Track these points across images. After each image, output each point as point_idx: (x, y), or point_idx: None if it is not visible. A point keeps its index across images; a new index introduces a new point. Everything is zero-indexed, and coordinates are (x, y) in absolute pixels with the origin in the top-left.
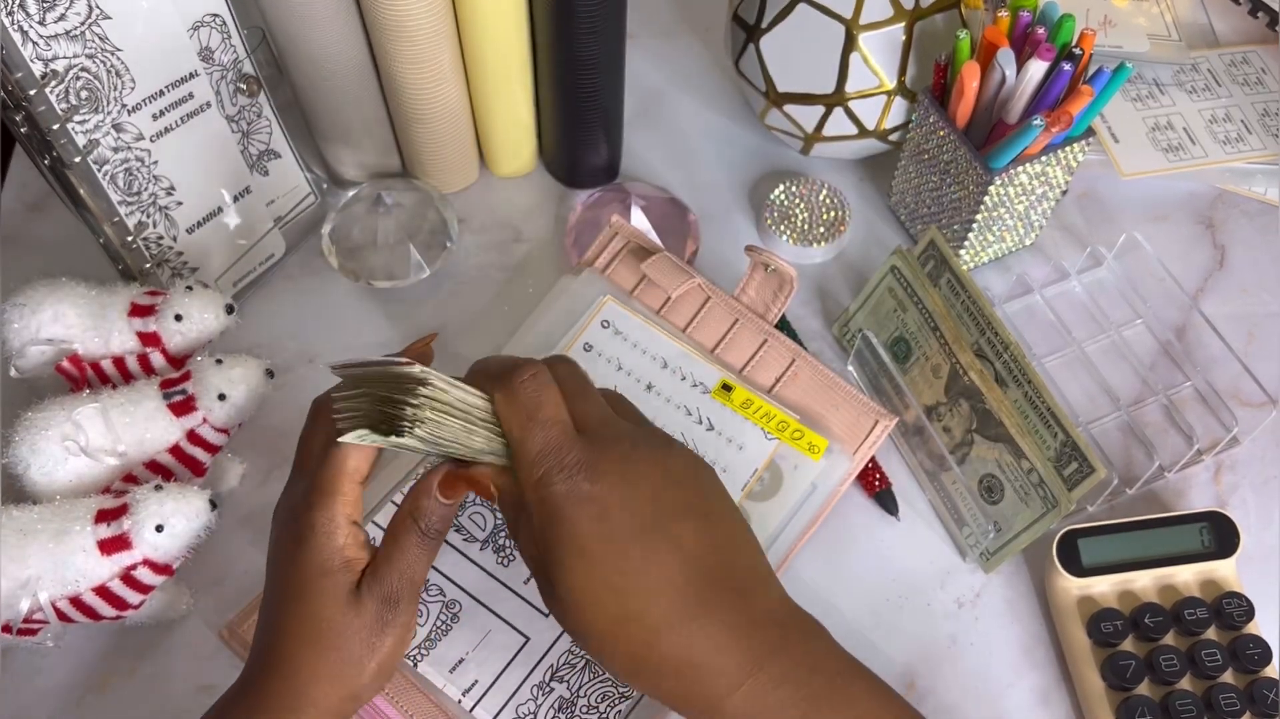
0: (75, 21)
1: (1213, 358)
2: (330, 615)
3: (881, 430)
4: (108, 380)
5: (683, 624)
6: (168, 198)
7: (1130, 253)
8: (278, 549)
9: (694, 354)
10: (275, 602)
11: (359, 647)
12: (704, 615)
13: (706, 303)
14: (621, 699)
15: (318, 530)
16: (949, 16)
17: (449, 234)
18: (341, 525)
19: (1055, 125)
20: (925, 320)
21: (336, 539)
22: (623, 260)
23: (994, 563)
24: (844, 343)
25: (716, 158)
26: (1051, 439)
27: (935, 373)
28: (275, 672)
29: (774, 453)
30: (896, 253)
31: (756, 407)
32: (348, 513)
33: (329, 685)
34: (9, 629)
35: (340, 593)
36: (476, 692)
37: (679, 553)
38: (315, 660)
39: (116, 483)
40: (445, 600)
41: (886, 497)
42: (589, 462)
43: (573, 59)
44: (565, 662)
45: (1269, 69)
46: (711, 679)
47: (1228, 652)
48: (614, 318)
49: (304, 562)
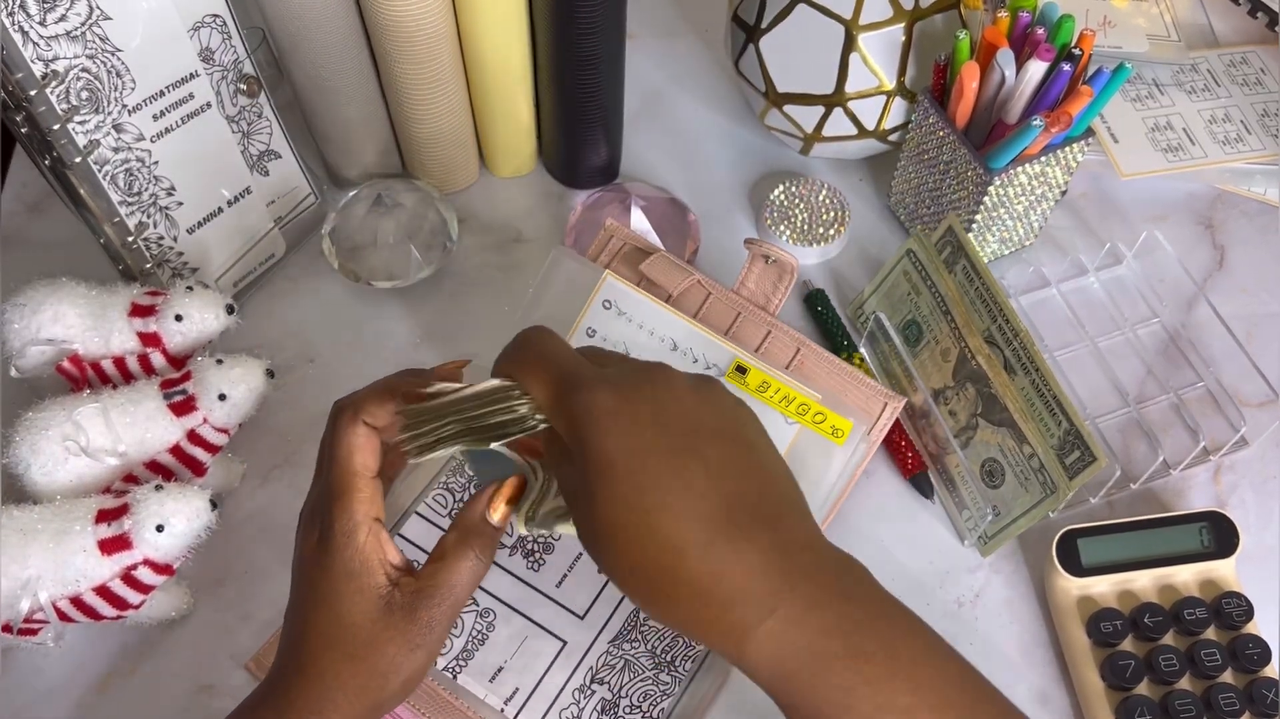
0: (76, 22)
1: (1213, 357)
2: (359, 623)
3: (891, 413)
4: (108, 380)
5: (710, 546)
6: (168, 198)
7: (1146, 252)
8: (301, 552)
9: (706, 333)
10: (302, 604)
11: (386, 661)
12: (733, 538)
13: (707, 299)
14: (664, 697)
15: (336, 531)
16: (949, 17)
17: (449, 234)
18: (361, 524)
19: (1055, 125)
20: (937, 304)
21: (357, 538)
22: (622, 260)
23: (991, 547)
24: (858, 325)
25: (716, 158)
26: (1055, 427)
27: (944, 356)
28: (301, 674)
29: (795, 439)
30: (913, 237)
31: (775, 389)
32: (365, 510)
33: (354, 693)
34: (9, 629)
35: (368, 599)
36: (518, 700)
37: (708, 473)
38: (341, 666)
39: (117, 483)
40: (479, 609)
41: (923, 479)
42: (616, 380)
43: (573, 59)
44: (604, 663)
45: (1269, 69)
46: (740, 606)
47: (1227, 651)
48: (616, 296)
49: (327, 564)
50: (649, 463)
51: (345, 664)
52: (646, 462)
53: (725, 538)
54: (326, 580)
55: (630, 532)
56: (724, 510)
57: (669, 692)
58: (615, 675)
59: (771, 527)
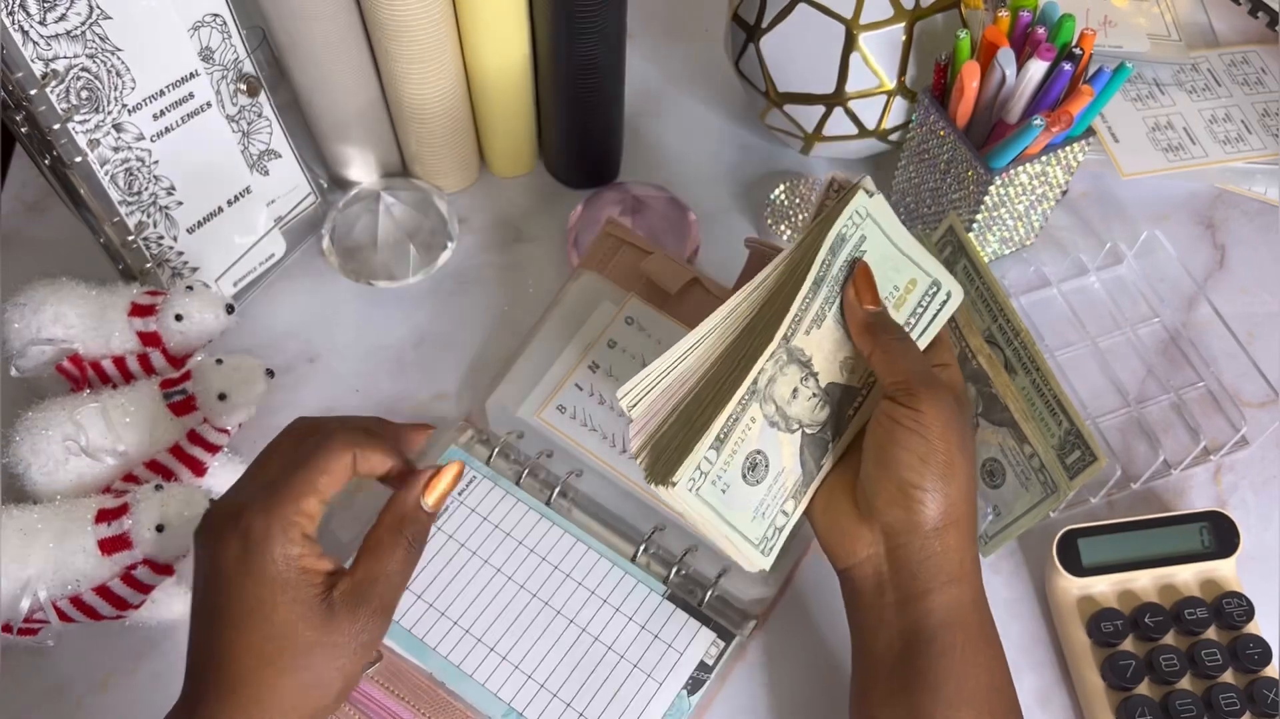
0: (76, 21)
1: (1213, 357)
2: (295, 633)
3: None
4: (108, 380)
5: (957, 523)
6: (168, 198)
7: (1147, 252)
8: (217, 560)
9: None
10: (225, 617)
11: (328, 668)
12: (965, 521)
13: (707, 299)
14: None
15: (273, 537)
16: (949, 16)
17: (449, 234)
18: (298, 535)
19: (1055, 125)
20: None
21: (293, 548)
22: (622, 260)
23: (991, 547)
24: None
25: (716, 158)
26: (1056, 427)
27: None
28: (231, 695)
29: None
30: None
31: None
32: (303, 525)
33: (292, 708)
34: (9, 629)
35: (304, 607)
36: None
37: (970, 472)
38: (277, 681)
39: (117, 483)
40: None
41: None
42: (952, 380)
43: (573, 59)
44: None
45: (1269, 69)
46: (953, 564)
47: (1228, 651)
48: (638, 314)
49: (258, 570)
50: (955, 444)
51: (284, 678)
52: (953, 444)
53: (968, 517)
54: (256, 588)
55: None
56: (970, 503)
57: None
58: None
59: (973, 523)
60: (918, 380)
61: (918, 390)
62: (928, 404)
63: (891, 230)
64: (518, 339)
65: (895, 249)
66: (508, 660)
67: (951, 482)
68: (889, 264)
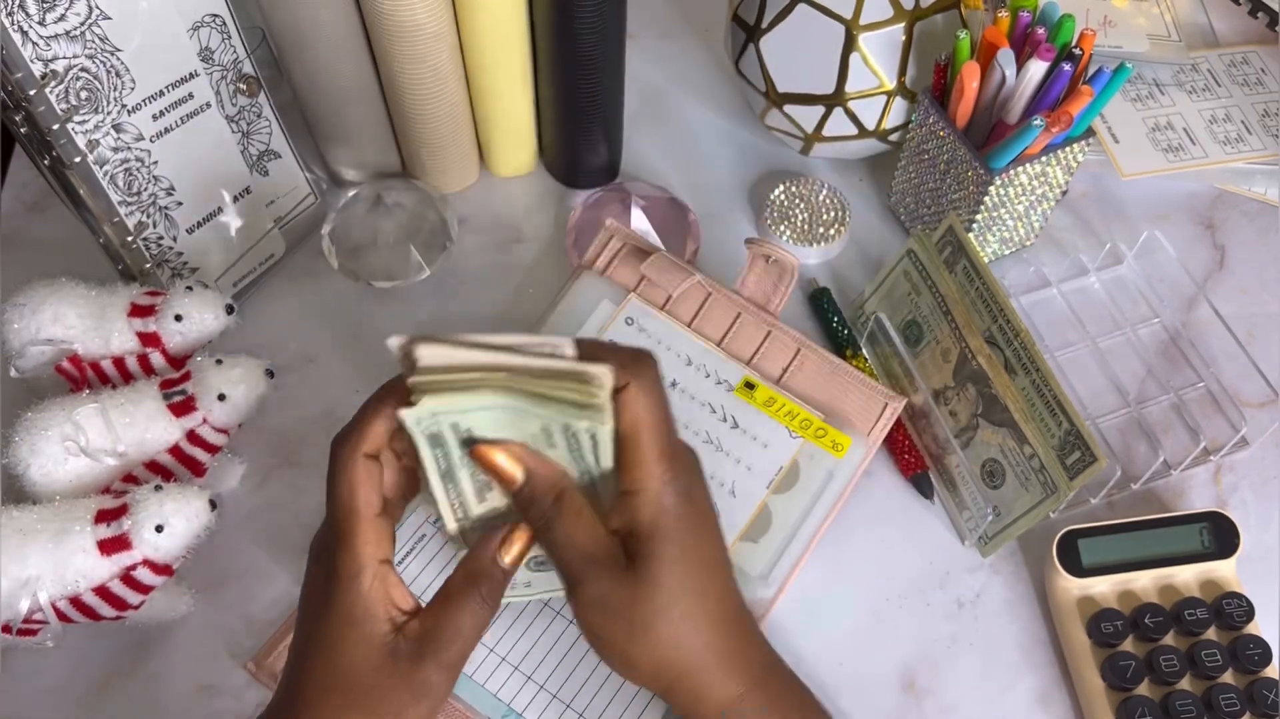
0: (75, 22)
1: (1213, 357)
2: (360, 672)
3: (891, 413)
4: (108, 380)
5: (721, 659)
6: (168, 198)
7: (1147, 253)
8: (309, 586)
9: (717, 352)
10: (303, 646)
11: (389, 711)
12: (735, 652)
13: (708, 299)
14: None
15: (341, 574)
16: (949, 16)
17: (449, 234)
18: (366, 567)
19: (1055, 125)
20: (938, 304)
21: (362, 583)
22: (622, 261)
23: (991, 547)
24: (858, 325)
25: (716, 158)
26: (1056, 428)
27: (945, 357)
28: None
29: (798, 451)
30: (914, 237)
31: (780, 404)
32: (371, 552)
33: None
34: (9, 629)
35: (371, 647)
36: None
37: (730, 588)
38: (340, 715)
39: (116, 483)
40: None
41: (923, 480)
42: (697, 478)
43: (573, 59)
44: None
45: (1269, 69)
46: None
47: (1228, 652)
48: (638, 315)
49: (332, 605)
50: (708, 570)
51: (345, 713)
52: (706, 568)
53: (734, 652)
54: (327, 625)
55: (674, 622)
56: (731, 625)
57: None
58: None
59: (752, 635)
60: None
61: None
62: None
63: (481, 402)
64: None
65: (498, 409)
66: (507, 661)
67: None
68: (507, 420)
